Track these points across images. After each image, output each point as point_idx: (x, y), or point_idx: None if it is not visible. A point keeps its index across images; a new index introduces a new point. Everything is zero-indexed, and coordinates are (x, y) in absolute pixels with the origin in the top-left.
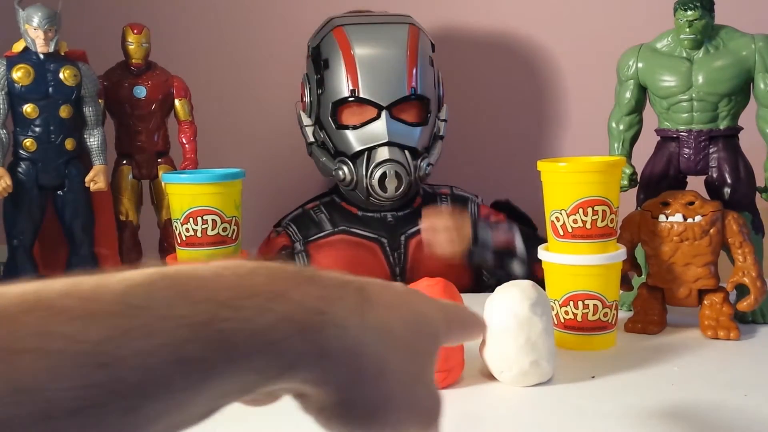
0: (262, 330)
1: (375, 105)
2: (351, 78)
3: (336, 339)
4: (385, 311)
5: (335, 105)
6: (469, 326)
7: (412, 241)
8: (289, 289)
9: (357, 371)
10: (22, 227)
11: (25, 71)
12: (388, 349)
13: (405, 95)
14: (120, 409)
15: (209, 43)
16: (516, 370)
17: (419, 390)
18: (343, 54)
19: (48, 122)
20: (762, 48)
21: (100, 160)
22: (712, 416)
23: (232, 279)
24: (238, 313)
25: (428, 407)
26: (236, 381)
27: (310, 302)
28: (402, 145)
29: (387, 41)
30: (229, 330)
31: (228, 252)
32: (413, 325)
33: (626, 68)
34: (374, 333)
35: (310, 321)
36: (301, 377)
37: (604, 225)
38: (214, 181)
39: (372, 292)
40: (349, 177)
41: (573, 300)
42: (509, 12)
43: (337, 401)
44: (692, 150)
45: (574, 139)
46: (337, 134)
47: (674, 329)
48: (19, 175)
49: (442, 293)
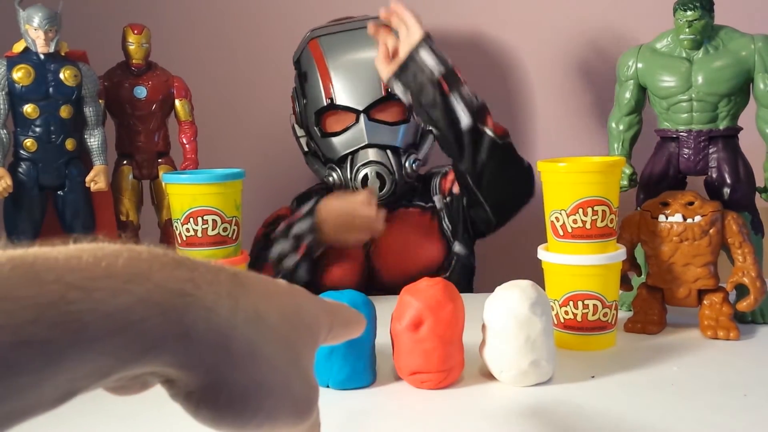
0: (116, 311)
1: (352, 110)
2: (326, 87)
3: (203, 321)
4: (260, 299)
5: (317, 114)
6: (351, 324)
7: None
8: (151, 272)
9: (226, 354)
10: (23, 227)
11: (26, 71)
12: (261, 336)
13: (380, 96)
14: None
15: (209, 43)
16: (515, 370)
17: (294, 378)
18: (317, 65)
19: (48, 122)
20: (762, 48)
21: (100, 160)
22: (712, 416)
23: (87, 261)
24: (88, 294)
25: (304, 396)
26: (89, 364)
27: (173, 284)
28: (383, 145)
29: (359, 46)
30: (78, 311)
31: (228, 252)
32: (291, 315)
33: (626, 68)
34: (247, 318)
35: (173, 302)
36: (164, 360)
37: (603, 225)
38: (214, 181)
39: (247, 279)
40: (338, 182)
41: (573, 300)
42: (509, 12)
43: (205, 385)
44: (692, 150)
45: (574, 139)
46: (323, 142)
47: (674, 329)
48: (19, 175)
49: (442, 293)
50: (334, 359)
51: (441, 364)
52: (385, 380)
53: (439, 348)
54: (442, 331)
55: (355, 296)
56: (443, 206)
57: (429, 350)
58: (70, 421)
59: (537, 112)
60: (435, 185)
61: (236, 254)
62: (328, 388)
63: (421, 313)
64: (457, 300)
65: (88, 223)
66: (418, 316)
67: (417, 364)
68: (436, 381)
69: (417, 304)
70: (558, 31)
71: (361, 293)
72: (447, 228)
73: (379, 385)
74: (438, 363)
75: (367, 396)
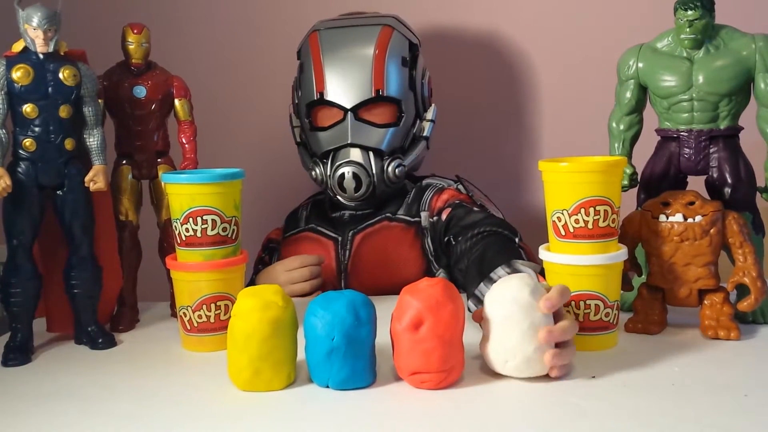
0: None
1: (340, 107)
2: (319, 81)
3: None
4: None
5: (308, 107)
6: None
7: (357, 236)
8: None
9: None
10: (22, 227)
11: (25, 71)
12: None
13: (370, 97)
14: None
15: (209, 43)
16: (521, 357)
17: None
18: (312, 58)
19: (47, 122)
20: (762, 48)
21: (99, 160)
22: (713, 416)
23: None
24: None
25: None
26: None
27: None
28: (366, 146)
29: (356, 43)
30: None
31: (228, 252)
32: None
33: (626, 68)
34: None
35: None
36: None
37: (605, 225)
38: (213, 181)
39: None
40: (320, 177)
41: (575, 300)
42: (509, 13)
43: None
44: (693, 150)
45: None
46: (311, 135)
47: (674, 329)
48: (18, 174)
49: (442, 293)
50: (334, 359)
51: (441, 364)
52: (385, 380)
53: (439, 348)
54: (442, 331)
55: (355, 296)
56: (429, 225)
57: (429, 350)
58: (71, 421)
59: (537, 111)
60: (426, 200)
61: (236, 254)
62: (328, 388)
63: (421, 313)
64: (457, 300)
65: (87, 222)
66: (418, 316)
67: (417, 364)
68: (436, 381)
69: (417, 304)
70: (558, 30)
71: (360, 293)
72: (429, 249)
73: (379, 385)
74: (438, 363)
75: (367, 396)
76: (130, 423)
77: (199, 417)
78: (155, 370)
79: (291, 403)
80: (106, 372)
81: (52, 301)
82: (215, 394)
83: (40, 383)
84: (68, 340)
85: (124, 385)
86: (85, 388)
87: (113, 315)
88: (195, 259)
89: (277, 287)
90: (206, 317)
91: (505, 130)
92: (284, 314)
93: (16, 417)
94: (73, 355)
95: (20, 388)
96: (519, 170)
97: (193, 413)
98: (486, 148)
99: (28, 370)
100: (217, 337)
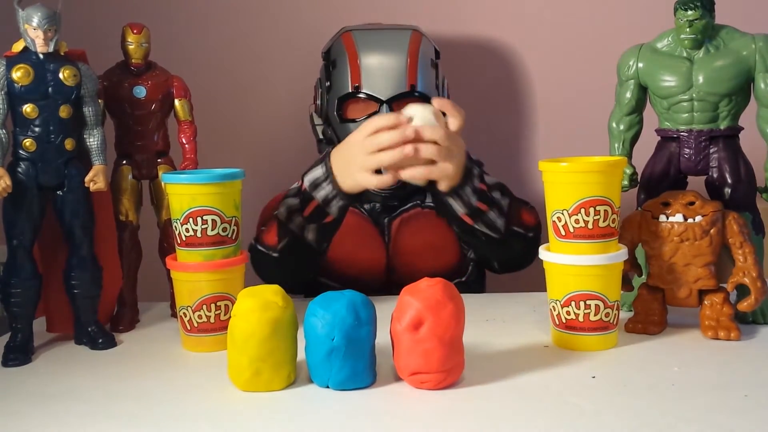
0: None
1: (376, 99)
2: (354, 75)
3: None
4: None
5: (341, 101)
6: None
7: (394, 222)
8: None
9: None
10: (22, 227)
11: (25, 71)
12: None
13: (404, 90)
14: None
15: (209, 43)
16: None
17: None
18: (348, 55)
19: (48, 122)
20: (762, 48)
21: (99, 160)
22: (713, 416)
23: None
24: None
25: None
26: None
27: None
28: None
29: (390, 44)
30: None
31: (228, 252)
32: None
33: (626, 68)
34: None
35: None
36: None
37: (605, 225)
38: (213, 181)
39: None
40: None
41: (575, 300)
42: (509, 14)
43: None
44: (693, 150)
45: (575, 139)
46: (341, 127)
47: (674, 329)
48: (18, 175)
49: (441, 293)
50: (334, 359)
51: (441, 364)
52: (385, 380)
53: (439, 348)
54: (442, 332)
55: (355, 296)
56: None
57: (429, 350)
58: (71, 421)
59: (538, 112)
60: None
61: (236, 254)
62: (328, 388)
63: (421, 314)
64: (457, 300)
65: (87, 223)
66: (418, 316)
67: (417, 364)
68: (436, 381)
69: (417, 304)
70: (558, 30)
71: (360, 293)
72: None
73: (379, 385)
74: (438, 363)
75: (367, 396)
76: (130, 423)
77: (199, 417)
78: (155, 370)
79: (291, 403)
80: (106, 372)
81: (52, 301)
82: (215, 394)
83: (40, 383)
84: (68, 340)
85: (124, 385)
86: (85, 388)
87: (113, 315)
88: (195, 260)
89: (276, 287)
90: (206, 317)
91: (505, 130)
92: (284, 314)
93: (16, 417)
94: (73, 355)
95: (20, 388)
96: (519, 170)
97: (193, 413)
98: (486, 148)
99: (28, 371)
100: (217, 338)
